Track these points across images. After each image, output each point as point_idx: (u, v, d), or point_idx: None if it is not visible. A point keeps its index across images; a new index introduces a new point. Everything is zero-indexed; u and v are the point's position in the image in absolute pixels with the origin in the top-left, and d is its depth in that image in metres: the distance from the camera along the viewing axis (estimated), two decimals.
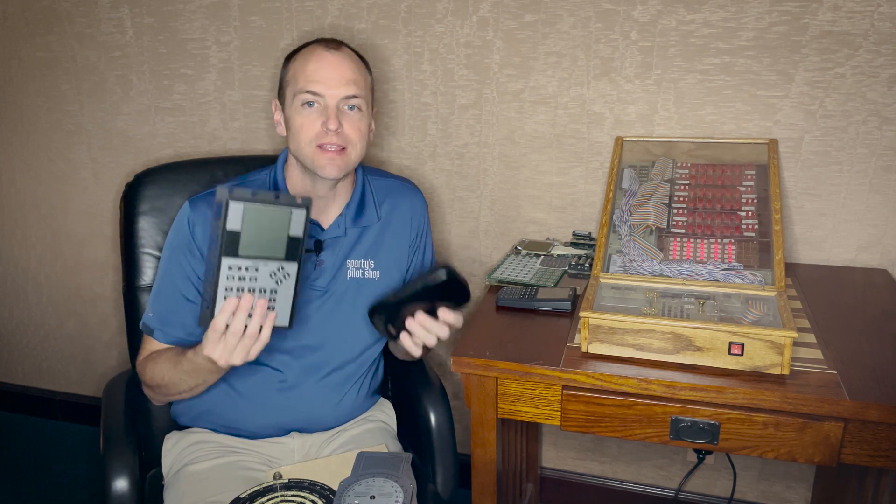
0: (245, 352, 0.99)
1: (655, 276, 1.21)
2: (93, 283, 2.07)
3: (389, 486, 0.93)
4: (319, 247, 1.22)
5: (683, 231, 1.29)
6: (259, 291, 0.98)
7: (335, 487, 1.00)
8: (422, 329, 1.07)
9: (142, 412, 1.32)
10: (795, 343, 1.10)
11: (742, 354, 1.04)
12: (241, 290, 0.96)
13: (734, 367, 1.05)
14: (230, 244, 0.94)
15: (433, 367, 1.40)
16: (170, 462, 1.23)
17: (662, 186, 1.35)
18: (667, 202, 1.33)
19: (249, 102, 1.76)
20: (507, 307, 1.28)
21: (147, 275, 1.36)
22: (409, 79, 1.62)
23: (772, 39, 1.38)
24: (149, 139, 1.87)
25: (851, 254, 1.47)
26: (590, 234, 1.58)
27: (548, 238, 1.64)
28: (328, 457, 1.19)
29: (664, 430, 1.07)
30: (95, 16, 1.80)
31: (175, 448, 1.24)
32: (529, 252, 1.53)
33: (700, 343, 1.05)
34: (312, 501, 1.02)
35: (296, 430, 1.24)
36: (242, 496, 1.03)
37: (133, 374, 1.29)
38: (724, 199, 1.32)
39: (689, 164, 1.39)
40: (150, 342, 1.20)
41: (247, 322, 0.97)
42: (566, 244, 1.57)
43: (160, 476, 1.25)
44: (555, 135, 1.57)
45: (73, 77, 1.88)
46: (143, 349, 1.21)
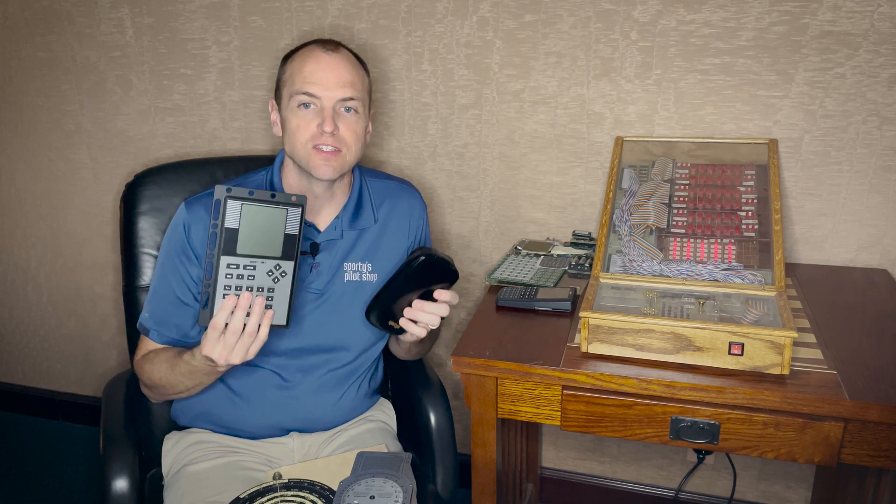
0: (244, 350, 1.00)
1: (655, 276, 1.21)
2: (93, 283, 2.07)
3: (389, 486, 0.93)
4: (315, 249, 1.22)
5: (683, 231, 1.29)
6: (257, 290, 0.99)
7: (335, 487, 1.00)
8: (422, 313, 1.11)
9: (142, 412, 1.32)
10: (795, 343, 1.10)
11: (742, 354, 1.04)
12: (240, 289, 0.98)
13: (734, 367, 1.05)
14: (228, 242, 0.96)
15: (433, 367, 1.40)
16: (169, 462, 1.23)
17: (662, 186, 1.35)
18: (667, 202, 1.33)
19: (249, 102, 1.76)
20: (507, 307, 1.28)
21: (147, 275, 1.36)
22: (409, 79, 1.62)
23: (772, 39, 1.38)
24: (149, 139, 1.87)
25: (851, 254, 1.47)
26: (590, 234, 1.58)
27: (548, 238, 1.64)
28: (328, 457, 1.19)
29: (664, 430, 1.07)
30: (95, 16, 1.80)
31: (175, 448, 1.24)
32: (529, 252, 1.53)
33: (700, 343, 1.05)
34: (312, 501, 1.02)
35: (295, 431, 1.24)
36: (242, 496, 1.03)
37: (133, 374, 1.29)
38: (724, 199, 1.32)
39: (689, 164, 1.39)
40: (147, 341, 1.20)
41: (245, 320, 0.98)
42: (566, 244, 1.57)
43: (160, 476, 1.25)
44: (555, 135, 1.57)
45: (73, 77, 1.88)
46: (140, 348, 1.22)
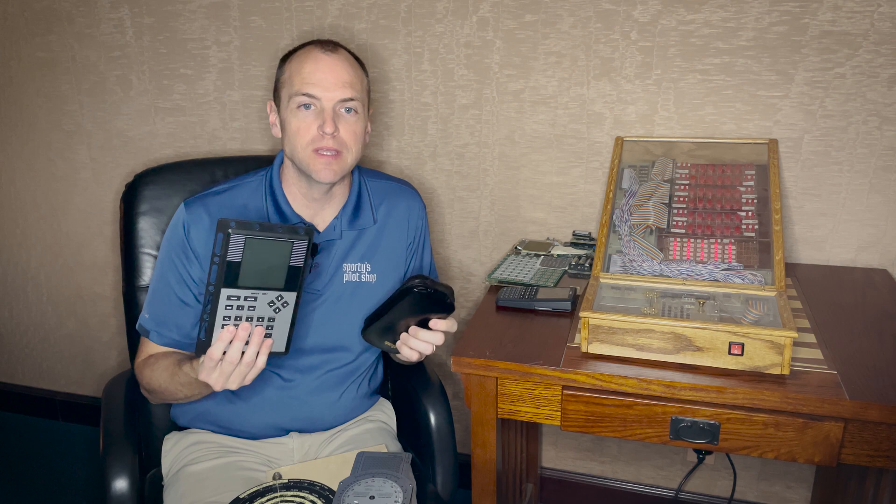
0: (240, 378, 0.98)
1: (655, 276, 1.21)
2: (93, 283, 2.07)
3: (389, 487, 0.93)
4: (315, 250, 1.22)
5: (683, 231, 1.29)
6: (257, 319, 0.97)
7: (335, 487, 1.00)
8: (415, 340, 1.10)
9: (142, 412, 1.32)
10: (795, 343, 1.10)
11: (742, 354, 1.04)
12: (240, 319, 0.95)
13: (734, 367, 1.05)
14: (230, 275, 0.92)
15: (433, 367, 1.40)
16: (169, 462, 1.23)
17: (662, 186, 1.35)
18: (667, 202, 1.33)
19: (249, 102, 1.76)
20: (507, 307, 1.28)
21: (147, 275, 1.36)
22: (409, 79, 1.62)
23: (772, 39, 1.38)
24: (149, 139, 1.87)
25: (851, 254, 1.47)
26: (590, 234, 1.58)
27: (548, 238, 1.64)
28: (328, 457, 1.20)
29: (664, 430, 1.07)
30: (95, 16, 1.80)
31: (175, 448, 1.24)
32: (529, 252, 1.53)
33: (700, 343, 1.05)
34: (312, 502, 1.02)
35: (295, 431, 1.24)
36: (242, 496, 1.03)
37: (133, 375, 1.29)
38: (724, 199, 1.32)
39: (689, 164, 1.39)
40: (148, 344, 1.20)
41: (244, 349, 0.96)
42: (566, 244, 1.57)
43: (160, 476, 1.25)
44: (555, 135, 1.57)
45: (73, 77, 1.88)
46: (141, 351, 1.21)
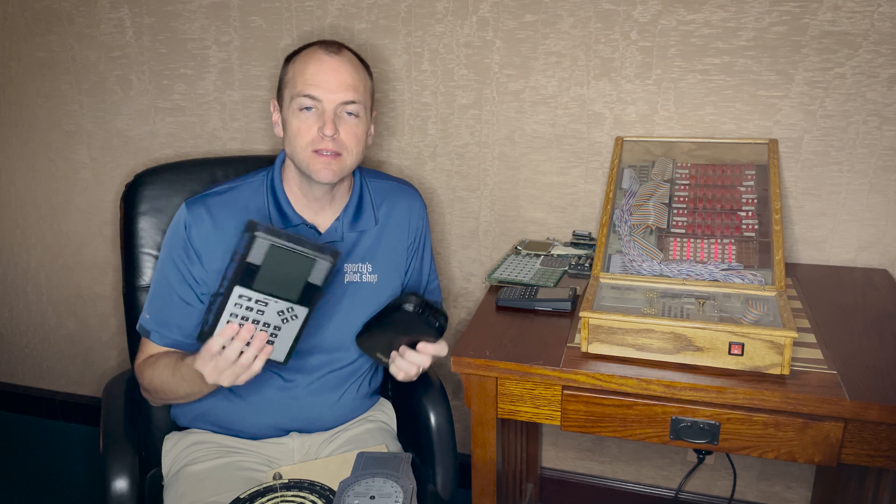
0: (233, 377, 0.98)
1: (655, 276, 1.21)
2: (93, 283, 2.07)
3: (389, 487, 0.93)
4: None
5: (683, 231, 1.29)
6: (263, 325, 0.96)
7: (335, 487, 1.00)
8: (401, 360, 1.11)
9: (142, 412, 1.32)
10: (795, 343, 1.10)
11: (742, 354, 1.04)
12: (246, 319, 0.95)
13: (734, 367, 1.05)
14: (246, 275, 0.93)
15: (433, 368, 1.39)
16: (169, 462, 1.23)
17: (662, 186, 1.35)
18: (667, 202, 1.33)
19: (249, 102, 1.76)
20: (507, 307, 1.28)
21: (147, 275, 1.36)
22: (409, 79, 1.62)
23: (772, 39, 1.38)
24: (149, 139, 1.87)
25: (851, 254, 1.47)
26: (590, 234, 1.58)
27: (548, 238, 1.64)
28: (328, 457, 1.20)
29: (664, 431, 1.07)
30: (95, 16, 1.80)
31: (175, 448, 1.24)
32: (529, 252, 1.53)
33: (700, 343, 1.05)
34: (312, 502, 1.02)
35: (295, 431, 1.24)
36: (242, 496, 1.03)
37: (133, 374, 1.29)
38: (724, 199, 1.32)
39: (689, 164, 1.39)
40: (148, 345, 1.20)
41: (243, 349, 0.96)
42: (566, 244, 1.57)
43: (160, 476, 1.25)
44: (555, 135, 1.57)
45: (73, 77, 1.88)
46: (142, 352, 1.21)
